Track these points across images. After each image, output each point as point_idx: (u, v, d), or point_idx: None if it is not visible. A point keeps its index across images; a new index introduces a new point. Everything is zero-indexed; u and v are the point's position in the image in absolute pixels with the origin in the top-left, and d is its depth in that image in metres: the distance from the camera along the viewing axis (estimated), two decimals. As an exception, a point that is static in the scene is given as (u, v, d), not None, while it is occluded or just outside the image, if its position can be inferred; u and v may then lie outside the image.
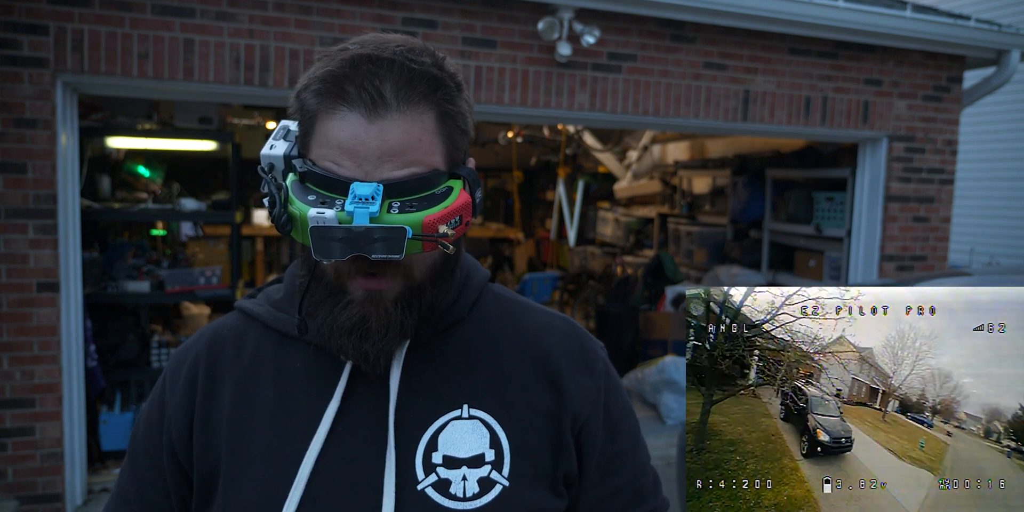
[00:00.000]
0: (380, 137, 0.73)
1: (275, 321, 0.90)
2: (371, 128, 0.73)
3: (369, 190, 0.72)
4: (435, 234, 0.73)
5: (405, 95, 0.74)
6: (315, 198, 0.74)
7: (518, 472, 0.85)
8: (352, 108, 0.74)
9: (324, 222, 0.71)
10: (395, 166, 0.74)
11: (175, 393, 0.89)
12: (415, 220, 0.73)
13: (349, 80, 0.74)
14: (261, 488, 0.83)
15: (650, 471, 0.98)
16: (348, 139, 0.74)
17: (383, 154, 0.74)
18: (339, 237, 0.71)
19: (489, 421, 0.86)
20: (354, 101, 0.74)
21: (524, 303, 0.98)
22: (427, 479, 0.83)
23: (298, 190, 0.75)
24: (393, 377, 0.84)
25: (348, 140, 0.74)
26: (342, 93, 0.74)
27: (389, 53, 0.75)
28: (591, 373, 0.92)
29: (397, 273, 0.79)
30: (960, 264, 7.58)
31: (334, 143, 0.74)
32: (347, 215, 0.71)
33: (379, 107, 0.73)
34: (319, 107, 0.76)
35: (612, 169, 8.59)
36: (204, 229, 5.64)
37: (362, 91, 0.73)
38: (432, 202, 0.75)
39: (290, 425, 0.85)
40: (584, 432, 0.90)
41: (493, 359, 0.89)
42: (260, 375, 0.88)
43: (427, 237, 0.73)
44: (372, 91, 0.73)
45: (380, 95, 0.74)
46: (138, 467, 0.92)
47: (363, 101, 0.73)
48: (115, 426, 3.98)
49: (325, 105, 0.75)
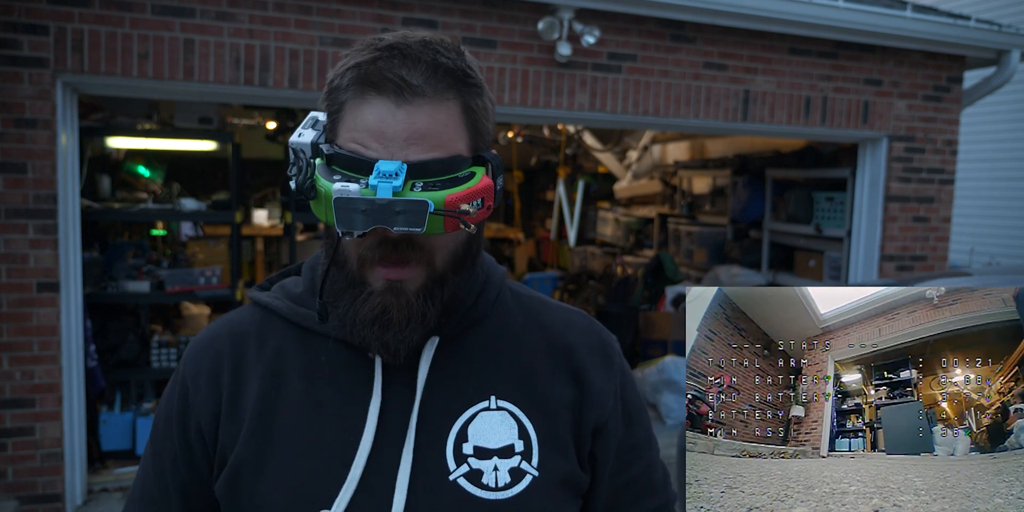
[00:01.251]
0: (407, 120, 0.75)
1: (295, 315, 0.90)
2: (398, 112, 0.75)
3: (393, 167, 0.73)
4: (456, 210, 0.74)
5: (433, 84, 0.76)
6: (340, 178, 0.76)
7: (546, 463, 0.86)
8: (381, 93, 0.76)
9: (348, 194, 0.72)
10: (420, 149, 0.76)
11: (200, 394, 0.88)
12: (438, 197, 0.74)
13: (379, 68, 0.76)
14: (296, 483, 0.82)
15: (660, 464, 1.00)
16: (375, 122, 0.76)
17: (409, 137, 0.75)
18: (362, 209, 0.72)
19: (516, 412, 0.87)
20: (384, 88, 0.76)
21: (541, 299, 1.00)
22: (459, 469, 0.83)
23: (324, 172, 0.77)
24: (421, 372, 0.85)
25: (375, 123, 0.76)
26: (372, 81, 0.76)
27: (419, 45, 0.78)
28: (610, 367, 0.94)
29: (420, 261, 0.80)
30: (960, 264, 7.58)
31: (362, 126, 0.77)
32: (371, 189, 0.73)
33: (407, 93, 0.75)
34: (349, 94, 0.78)
35: (612, 169, 8.59)
36: (204, 229, 5.65)
37: (392, 78, 0.75)
38: (455, 183, 0.76)
39: (322, 419, 0.85)
40: (605, 425, 0.91)
41: (516, 353, 0.90)
42: (285, 369, 0.88)
43: (448, 212, 0.74)
44: (401, 79, 0.75)
45: (409, 83, 0.75)
46: (163, 472, 0.91)
47: (392, 88, 0.75)
48: (115, 426, 3.98)
49: (355, 92, 0.77)
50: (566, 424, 0.88)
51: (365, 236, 0.76)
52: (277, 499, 0.82)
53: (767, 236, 6.16)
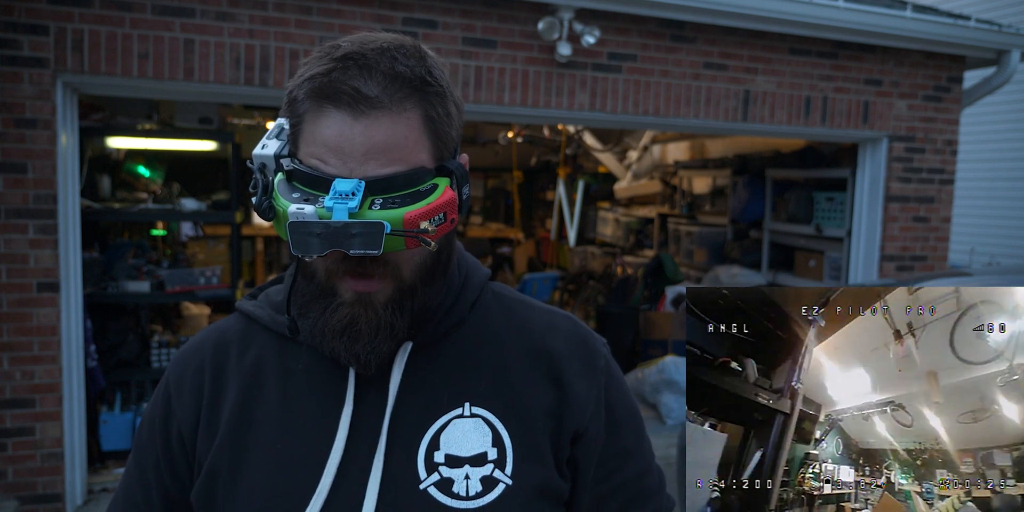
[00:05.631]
0: (365, 134, 0.74)
1: (275, 324, 0.90)
2: (356, 125, 0.74)
3: (350, 186, 0.72)
4: (416, 230, 0.73)
5: (390, 94, 0.74)
6: (299, 195, 0.74)
7: (521, 471, 0.85)
8: (338, 107, 0.74)
9: (303, 217, 0.71)
10: (380, 164, 0.74)
11: (182, 400, 0.89)
12: (395, 216, 0.72)
13: (336, 80, 0.74)
14: (269, 492, 0.82)
15: (655, 470, 0.97)
16: (333, 137, 0.74)
17: (368, 151, 0.74)
18: (317, 232, 0.71)
19: (491, 419, 0.86)
20: (340, 100, 0.74)
21: (525, 301, 0.97)
22: (429, 478, 0.82)
23: (284, 188, 0.75)
24: (393, 380, 0.84)
25: (333, 138, 0.74)
26: (329, 92, 0.74)
27: (376, 53, 0.75)
28: (593, 371, 0.92)
29: (386, 273, 0.79)
30: (960, 264, 7.59)
31: (320, 141, 0.75)
32: (327, 211, 0.71)
33: (363, 105, 0.74)
34: (307, 107, 0.76)
35: (612, 169, 8.59)
36: (204, 229, 5.64)
37: (348, 90, 0.74)
38: (415, 199, 0.74)
39: (296, 427, 0.85)
40: (586, 431, 0.89)
41: (495, 358, 0.89)
42: (263, 378, 0.88)
43: (405, 233, 0.72)
44: (356, 91, 0.74)
45: (364, 95, 0.74)
46: (146, 476, 0.91)
47: (348, 99, 0.74)
48: (115, 426, 3.98)
49: (312, 104, 0.75)
50: (544, 430, 0.87)
51: (325, 255, 0.75)
52: (250, 508, 0.82)
53: (767, 236, 6.16)
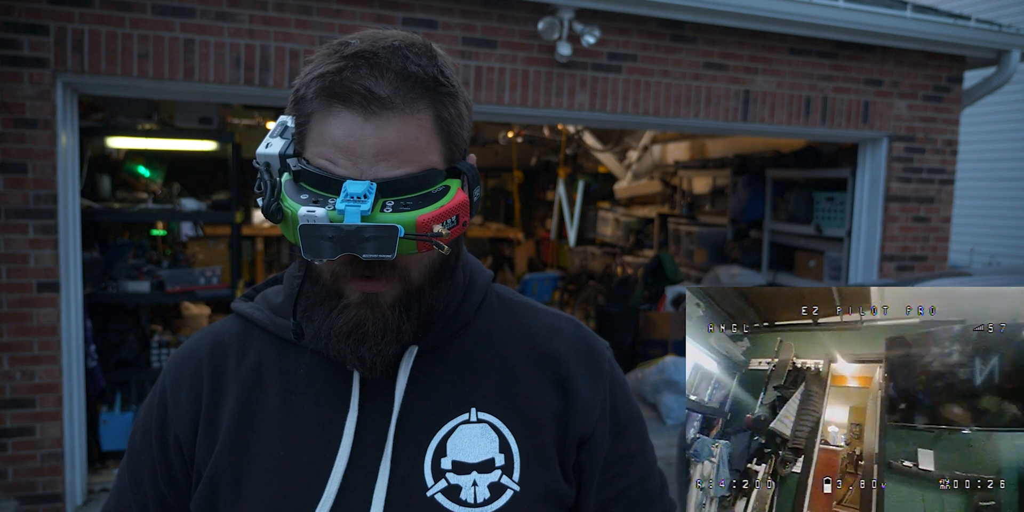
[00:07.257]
0: (376, 135, 0.72)
1: (275, 327, 0.88)
2: (367, 126, 0.72)
3: (362, 188, 0.70)
4: (429, 234, 0.71)
5: (402, 94, 0.72)
6: (308, 197, 0.72)
7: (528, 477, 0.84)
8: (348, 106, 0.72)
9: (314, 220, 0.69)
10: (391, 165, 0.72)
11: (179, 406, 0.87)
12: (408, 219, 0.70)
13: (347, 78, 0.72)
14: (272, 499, 0.81)
15: (657, 473, 0.97)
16: (343, 137, 0.72)
17: (379, 152, 0.72)
18: (329, 236, 0.69)
19: (498, 425, 0.85)
20: (350, 99, 0.72)
21: (529, 304, 0.96)
22: (436, 485, 0.81)
23: (291, 189, 0.73)
24: (399, 385, 0.83)
25: (343, 138, 0.72)
26: (339, 91, 0.72)
27: (388, 52, 0.73)
28: (598, 375, 0.91)
29: (394, 275, 0.77)
30: (960, 264, 7.59)
31: (329, 141, 0.73)
32: (338, 213, 0.70)
33: (375, 105, 0.72)
34: (316, 105, 0.74)
35: (612, 169, 8.59)
36: (204, 229, 5.64)
37: (359, 89, 0.71)
38: (427, 201, 0.73)
39: (299, 433, 0.83)
40: (592, 435, 0.89)
41: (500, 362, 0.88)
42: (264, 383, 0.86)
43: (420, 236, 0.71)
44: (369, 91, 0.71)
45: (377, 95, 0.72)
46: (140, 483, 0.89)
47: (359, 99, 0.72)
48: (115, 426, 3.98)
49: (321, 103, 0.73)
50: (550, 435, 0.86)
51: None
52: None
53: (767, 236, 6.15)
